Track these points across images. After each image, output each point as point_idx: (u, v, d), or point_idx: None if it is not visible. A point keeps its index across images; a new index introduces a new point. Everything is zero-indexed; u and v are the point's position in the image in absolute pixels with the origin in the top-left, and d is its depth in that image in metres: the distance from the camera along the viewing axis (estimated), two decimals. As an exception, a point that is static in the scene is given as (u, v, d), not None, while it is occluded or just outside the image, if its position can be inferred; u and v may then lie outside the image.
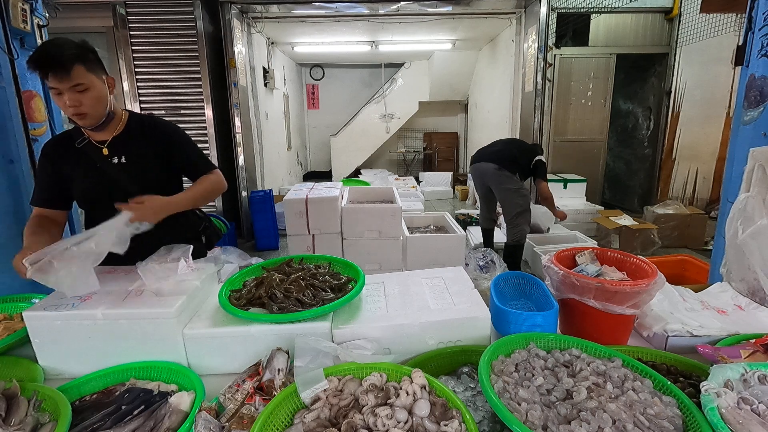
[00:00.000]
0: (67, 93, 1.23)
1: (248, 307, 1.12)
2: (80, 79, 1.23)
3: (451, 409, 0.78)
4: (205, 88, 4.59)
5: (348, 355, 0.93)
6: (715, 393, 0.75)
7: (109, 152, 1.41)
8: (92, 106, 1.29)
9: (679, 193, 5.40)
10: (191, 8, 4.42)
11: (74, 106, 1.25)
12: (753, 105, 1.56)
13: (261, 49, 6.10)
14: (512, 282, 1.35)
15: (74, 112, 1.27)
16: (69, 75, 1.21)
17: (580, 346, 0.95)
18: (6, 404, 0.85)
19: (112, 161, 1.40)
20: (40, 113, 2.14)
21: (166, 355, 1.06)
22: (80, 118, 1.30)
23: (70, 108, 1.26)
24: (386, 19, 5.50)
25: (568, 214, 4.96)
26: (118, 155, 1.41)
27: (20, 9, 1.94)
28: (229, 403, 0.87)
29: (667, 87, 5.46)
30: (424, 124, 10.16)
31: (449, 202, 7.68)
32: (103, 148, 1.40)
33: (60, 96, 1.24)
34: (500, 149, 3.68)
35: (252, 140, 5.48)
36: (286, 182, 7.51)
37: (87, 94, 1.26)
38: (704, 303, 1.33)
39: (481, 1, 5.00)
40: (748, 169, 1.40)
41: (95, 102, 1.29)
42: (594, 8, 5.21)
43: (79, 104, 1.26)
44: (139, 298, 1.10)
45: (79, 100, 1.25)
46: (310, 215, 3.01)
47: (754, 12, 1.59)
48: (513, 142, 3.90)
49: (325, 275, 1.27)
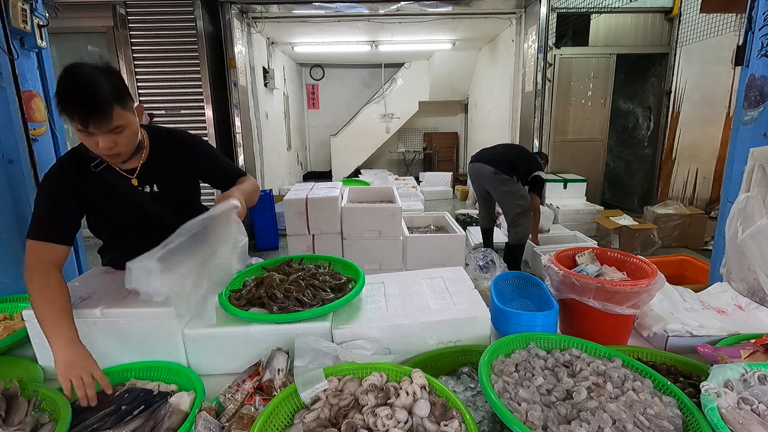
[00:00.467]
0: (101, 137, 1.07)
1: (248, 307, 1.12)
2: (118, 122, 1.08)
3: (451, 409, 0.78)
4: (205, 88, 4.59)
5: (348, 355, 0.93)
6: (715, 393, 0.75)
7: (138, 182, 1.28)
8: (127, 145, 1.15)
9: (679, 193, 5.40)
10: (191, 8, 4.42)
11: (109, 148, 1.10)
12: (753, 105, 1.56)
13: (261, 49, 6.10)
14: (512, 282, 1.35)
15: (108, 153, 1.12)
16: (107, 121, 1.05)
17: (580, 346, 0.95)
18: (6, 404, 0.85)
19: (144, 190, 1.29)
20: (40, 113, 2.14)
21: (166, 355, 1.06)
22: (113, 158, 1.17)
23: (104, 150, 1.10)
24: (386, 19, 5.50)
25: (568, 214, 4.98)
26: (149, 184, 1.29)
27: (20, 9, 1.94)
28: (229, 403, 0.87)
29: (667, 87, 5.46)
30: (424, 124, 10.15)
31: (449, 202, 7.68)
32: (132, 178, 1.27)
33: (90, 136, 1.07)
34: (499, 153, 3.65)
35: (252, 140, 5.48)
36: (286, 182, 7.51)
37: (123, 133, 1.11)
38: (704, 303, 1.33)
39: (481, 1, 5.00)
40: (748, 169, 1.40)
41: (130, 139, 1.16)
42: (594, 8, 5.21)
43: (114, 145, 1.11)
44: (139, 298, 1.10)
45: (114, 141, 1.10)
46: (310, 215, 3.01)
47: (754, 12, 1.59)
48: (513, 147, 3.89)
49: (325, 275, 1.27)
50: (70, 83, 1.04)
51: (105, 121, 1.05)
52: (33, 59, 2.13)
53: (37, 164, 1.99)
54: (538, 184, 3.55)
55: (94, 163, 1.22)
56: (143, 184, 1.29)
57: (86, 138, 1.09)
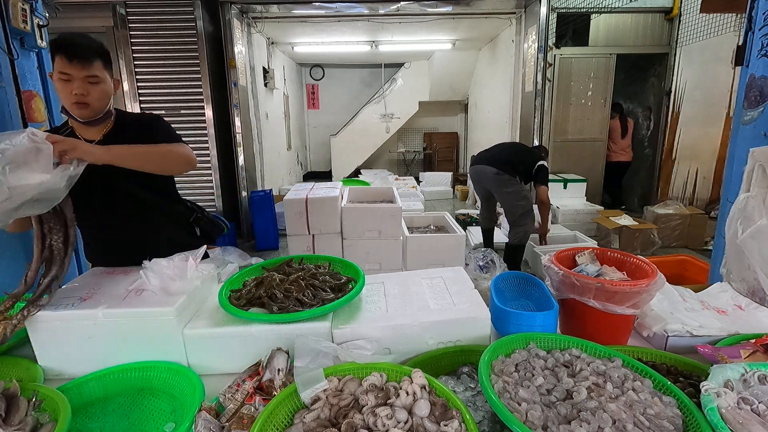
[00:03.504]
0: (78, 81, 1.27)
1: (248, 307, 1.12)
2: (96, 72, 1.29)
3: (451, 409, 0.78)
4: (205, 88, 4.59)
5: (348, 355, 0.93)
6: (715, 393, 0.75)
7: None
8: (97, 99, 1.32)
9: (679, 193, 5.40)
10: (191, 8, 4.42)
11: (81, 94, 1.28)
12: (753, 105, 1.56)
13: (261, 49, 6.10)
14: (512, 282, 1.35)
15: (78, 100, 1.28)
16: (89, 65, 1.27)
17: (580, 346, 0.95)
18: (6, 404, 0.85)
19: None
20: (40, 113, 2.14)
21: (166, 355, 1.06)
22: (80, 107, 1.31)
23: (76, 95, 1.27)
24: (386, 19, 5.50)
25: (568, 214, 4.98)
26: None
27: (20, 9, 1.94)
28: (229, 403, 0.87)
29: (667, 87, 5.46)
30: (424, 124, 10.15)
31: (449, 202, 7.68)
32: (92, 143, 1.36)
33: (68, 83, 1.26)
34: (499, 153, 3.66)
35: (252, 140, 5.48)
36: (286, 182, 7.52)
37: (97, 86, 1.30)
38: (704, 303, 1.33)
39: (481, 1, 5.00)
40: (748, 169, 1.40)
41: (101, 96, 1.33)
42: (594, 8, 5.21)
43: (86, 94, 1.29)
44: (139, 298, 1.10)
45: (87, 90, 1.29)
46: (310, 215, 3.01)
47: (754, 12, 1.59)
48: (513, 146, 3.89)
49: (325, 275, 1.27)
50: (69, 33, 1.29)
51: (86, 64, 1.26)
52: (33, 59, 2.13)
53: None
54: (543, 174, 3.53)
55: (63, 130, 1.41)
56: None
57: (64, 84, 1.27)
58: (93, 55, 1.28)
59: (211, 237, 1.75)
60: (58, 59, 1.25)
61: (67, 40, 1.26)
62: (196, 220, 1.70)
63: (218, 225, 1.79)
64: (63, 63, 1.25)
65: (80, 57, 1.25)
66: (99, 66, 1.30)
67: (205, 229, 1.73)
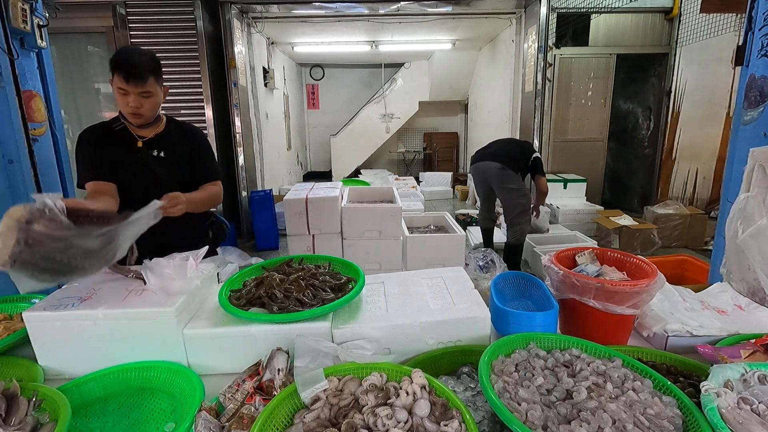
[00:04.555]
0: (133, 96, 1.43)
1: (248, 307, 1.12)
2: (149, 88, 1.45)
3: (451, 409, 0.78)
4: (205, 88, 4.59)
5: (348, 355, 0.93)
6: (715, 393, 0.75)
7: (145, 146, 1.58)
8: (149, 110, 1.49)
9: (679, 193, 5.40)
10: (191, 8, 4.41)
11: (136, 107, 1.45)
12: (753, 105, 1.56)
13: (261, 49, 6.09)
14: (512, 282, 1.35)
15: (133, 111, 1.46)
16: (143, 83, 1.42)
17: (580, 346, 0.95)
18: (6, 404, 0.85)
19: (151, 153, 1.58)
20: (40, 113, 2.14)
21: (166, 355, 1.06)
22: (135, 117, 1.49)
23: (131, 107, 1.44)
24: (386, 19, 5.50)
25: (568, 214, 4.99)
26: (157, 150, 1.59)
27: (20, 9, 1.94)
28: (229, 403, 0.87)
29: (667, 87, 5.46)
30: (424, 124, 10.15)
31: (449, 202, 7.68)
32: (139, 141, 1.57)
33: (125, 96, 1.43)
34: (501, 148, 3.70)
35: (252, 140, 5.48)
36: (286, 182, 7.51)
37: (149, 99, 1.47)
38: (704, 303, 1.33)
39: (481, 1, 5.00)
40: (748, 169, 1.40)
41: (153, 107, 1.50)
42: (594, 8, 5.21)
43: (140, 106, 1.46)
44: (140, 298, 1.10)
45: (141, 103, 1.45)
46: (310, 215, 3.01)
47: (754, 12, 1.59)
48: (511, 141, 3.92)
49: (325, 275, 1.27)
50: (126, 51, 1.44)
51: (141, 82, 1.42)
52: (33, 59, 2.13)
53: (37, 164, 1.99)
54: (540, 165, 3.64)
55: (116, 125, 1.57)
56: (151, 149, 1.58)
57: (121, 96, 1.44)
58: (147, 74, 1.42)
59: (217, 238, 1.84)
60: (116, 76, 1.40)
61: (124, 60, 1.39)
62: (211, 224, 1.81)
63: (224, 229, 1.89)
64: (120, 80, 1.40)
65: (135, 77, 1.40)
66: (152, 82, 1.45)
67: (216, 231, 1.84)
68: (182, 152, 1.62)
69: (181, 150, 1.62)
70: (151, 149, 1.58)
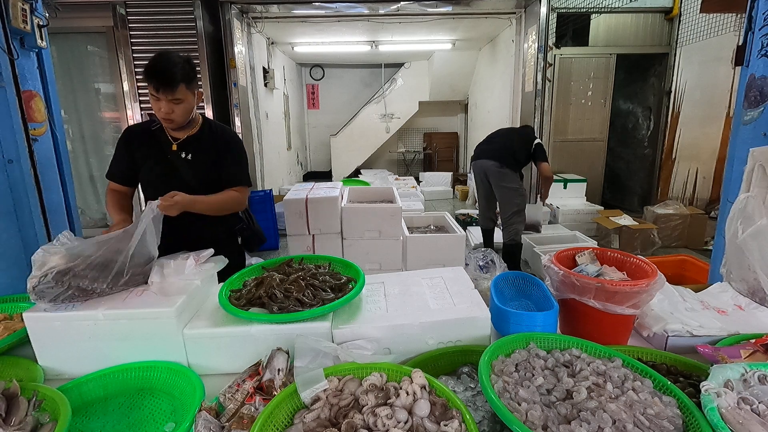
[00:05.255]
0: (165, 102, 1.46)
1: (248, 307, 1.12)
2: (180, 95, 1.47)
3: (451, 409, 0.78)
4: (205, 88, 4.59)
5: (348, 355, 0.93)
6: (715, 393, 0.75)
7: (178, 148, 1.61)
8: (181, 115, 1.52)
9: (679, 193, 5.40)
10: (191, 8, 4.41)
11: (168, 113, 1.48)
12: (753, 105, 1.56)
13: (261, 49, 6.09)
14: (512, 282, 1.35)
15: (165, 117, 1.50)
16: (174, 91, 1.44)
17: (580, 346, 0.95)
18: (6, 404, 0.85)
19: (181, 155, 1.61)
20: (40, 113, 2.14)
21: (166, 355, 1.06)
22: (167, 122, 1.53)
23: (163, 113, 1.48)
24: (386, 19, 5.50)
25: (568, 214, 4.98)
26: (186, 152, 1.62)
27: (20, 9, 1.93)
28: (229, 403, 0.87)
29: (667, 87, 5.46)
30: (424, 124, 10.15)
31: (449, 202, 7.68)
32: (173, 144, 1.61)
33: (158, 101, 1.47)
34: (500, 145, 3.68)
35: (252, 140, 5.48)
36: (286, 182, 7.51)
37: (180, 105, 1.49)
38: (704, 303, 1.33)
39: (481, 1, 5.00)
40: (748, 169, 1.40)
41: (185, 112, 1.53)
42: (594, 8, 5.21)
43: (171, 112, 1.49)
44: (140, 298, 1.10)
45: (173, 109, 1.48)
46: (310, 215, 3.01)
47: (754, 12, 1.59)
48: (511, 133, 3.85)
49: (325, 275, 1.27)
50: (158, 60, 1.44)
51: (171, 90, 1.44)
52: (33, 59, 2.13)
53: (37, 164, 1.99)
54: (542, 150, 3.61)
55: (153, 126, 1.63)
56: (181, 151, 1.62)
57: (154, 102, 1.48)
58: (177, 82, 1.44)
59: (249, 244, 1.87)
60: (149, 83, 1.44)
61: (155, 69, 1.42)
62: (240, 229, 1.82)
63: (260, 236, 1.91)
64: (152, 88, 1.44)
65: (166, 86, 1.43)
66: (182, 89, 1.46)
67: (247, 237, 1.85)
68: (210, 155, 1.64)
69: (209, 153, 1.64)
70: (181, 151, 1.62)
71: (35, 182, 1.95)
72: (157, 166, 1.61)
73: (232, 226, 1.79)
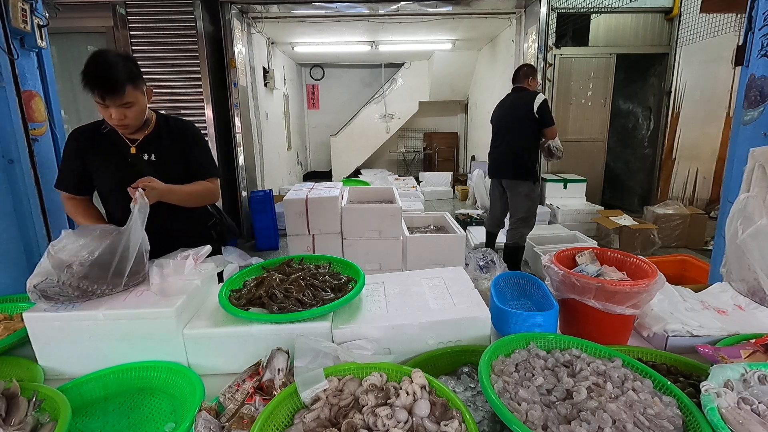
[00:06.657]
0: (114, 109, 1.36)
1: (248, 307, 1.12)
2: (130, 98, 1.37)
3: (451, 409, 0.78)
4: (205, 88, 4.59)
5: (348, 355, 0.93)
6: (715, 393, 0.75)
7: (138, 150, 1.53)
8: (135, 118, 1.43)
9: (679, 193, 5.40)
10: (191, 8, 4.41)
11: (120, 119, 1.39)
12: (753, 105, 1.56)
13: (261, 49, 6.09)
14: (512, 282, 1.35)
15: (118, 123, 1.41)
16: (122, 96, 1.34)
17: (580, 346, 0.95)
18: (6, 404, 0.85)
19: (143, 157, 1.52)
20: (40, 113, 2.14)
21: (166, 355, 1.06)
22: (121, 128, 1.45)
23: (115, 120, 1.39)
24: (386, 19, 5.50)
25: (568, 214, 4.98)
26: (147, 153, 1.53)
27: (20, 9, 1.93)
28: (229, 403, 0.86)
29: (667, 87, 5.46)
30: (424, 124, 10.15)
31: (449, 202, 7.68)
32: (132, 146, 1.52)
33: (106, 109, 1.36)
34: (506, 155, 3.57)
35: (252, 140, 5.48)
36: (286, 182, 7.51)
37: (131, 109, 1.40)
38: (704, 303, 1.33)
39: (481, 1, 5.00)
40: (748, 169, 1.40)
41: (138, 114, 1.43)
42: (594, 8, 5.21)
43: (124, 117, 1.39)
44: (140, 298, 1.10)
45: (124, 114, 1.39)
46: (310, 215, 3.01)
47: (754, 12, 1.59)
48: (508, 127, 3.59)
49: (325, 275, 1.27)
50: (94, 64, 1.31)
51: (118, 96, 1.33)
52: (33, 59, 2.13)
53: (37, 164, 1.99)
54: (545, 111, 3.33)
55: (103, 127, 1.51)
56: (142, 153, 1.53)
57: (103, 109, 1.37)
58: (123, 85, 1.33)
59: (223, 238, 1.83)
60: (92, 92, 1.32)
61: (95, 76, 1.30)
62: (213, 224, 1.79)
63: (232, 229, 1.88)
64: (97, 96, 1.32)
65: (111, 92, 1.32)
66: (130, 91, 1.36)
67: (220, 232, 1.82)
68: (173, 152, 1.57)
69: (172, 150, 1.57)
70: (142, 153, 1.53)
71: (35, 182, 1.95)
72: (119, 172, 1.49)
73: (205, 222, 1.77)
